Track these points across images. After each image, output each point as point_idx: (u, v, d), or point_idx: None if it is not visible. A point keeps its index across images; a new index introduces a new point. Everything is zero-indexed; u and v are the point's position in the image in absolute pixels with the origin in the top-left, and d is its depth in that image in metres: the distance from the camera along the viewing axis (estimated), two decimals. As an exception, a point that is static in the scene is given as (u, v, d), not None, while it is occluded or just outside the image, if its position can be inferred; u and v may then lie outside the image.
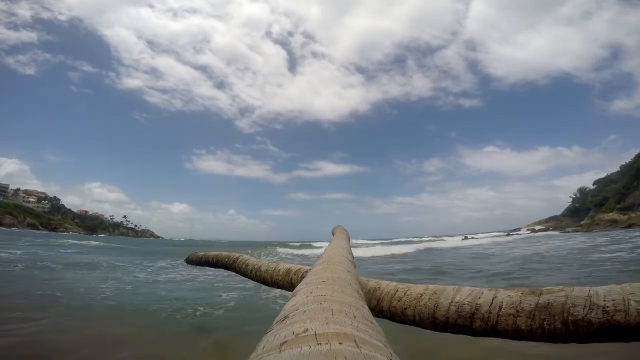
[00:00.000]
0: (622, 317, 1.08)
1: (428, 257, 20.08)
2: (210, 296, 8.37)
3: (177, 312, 6.80)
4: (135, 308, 7.07)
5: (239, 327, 5.97)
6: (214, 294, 8.60)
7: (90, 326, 5.70)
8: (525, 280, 9.52)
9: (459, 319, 1.41)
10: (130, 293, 8.89)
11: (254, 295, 8.38)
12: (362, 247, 33.33)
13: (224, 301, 7.87)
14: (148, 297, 8.21)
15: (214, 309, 7.10)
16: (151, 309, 6.97)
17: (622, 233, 32.36)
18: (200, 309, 7.07)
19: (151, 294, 8.70)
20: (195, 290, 9.52)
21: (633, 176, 50.15)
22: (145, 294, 8.69)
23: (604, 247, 18.67)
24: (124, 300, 7.84)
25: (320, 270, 1.43)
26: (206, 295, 8.46)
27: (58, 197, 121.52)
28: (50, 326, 5.42)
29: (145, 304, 7.38)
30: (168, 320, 6.33)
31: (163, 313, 6.73)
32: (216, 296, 8.37)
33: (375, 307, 1.76)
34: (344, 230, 4.22)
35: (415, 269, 14.25)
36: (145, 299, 8.05)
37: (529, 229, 62.74)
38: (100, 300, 7.71)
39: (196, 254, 5.26)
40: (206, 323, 6.18)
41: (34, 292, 7.88)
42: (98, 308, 6.97)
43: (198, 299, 8.02)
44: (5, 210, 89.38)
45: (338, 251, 2.28)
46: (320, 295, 0.91)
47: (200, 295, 8.55)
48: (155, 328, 5.81)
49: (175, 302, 7.71)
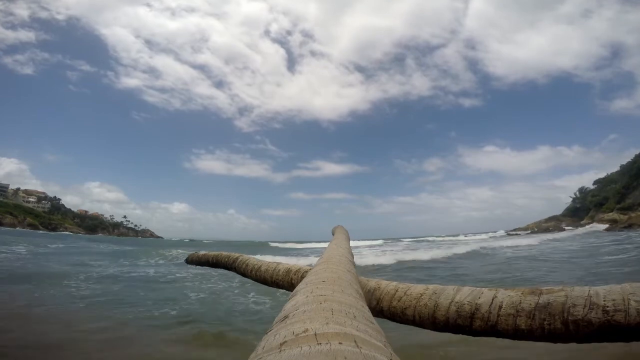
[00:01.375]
0: (622, 317, 1.08)
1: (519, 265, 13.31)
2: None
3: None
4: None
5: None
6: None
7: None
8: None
9: (459, 318, 1.41)
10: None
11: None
12: (391, 250, 25.66)
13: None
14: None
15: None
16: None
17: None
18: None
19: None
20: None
21: (633, 176, 50.16)
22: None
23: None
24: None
25: (320, 270, 1.43)
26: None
27: (58, 197, 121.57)
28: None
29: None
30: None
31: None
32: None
33: (375, 307, 1.76)
34: (344, 230, 4.22)
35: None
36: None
37: (530, 229, 62.75)
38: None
39: (196, 254, 5.26)
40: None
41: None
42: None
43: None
44: (5, 210, 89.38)
45: (338, 251, 2.28)
46: (320, 295, 0.91)
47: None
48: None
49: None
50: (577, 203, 62.97)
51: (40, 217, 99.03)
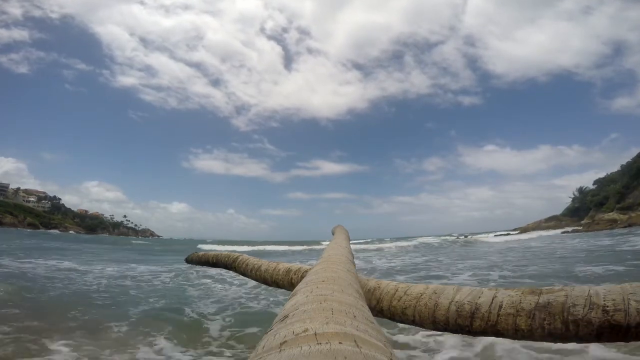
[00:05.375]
0: (622, 317, 1.08)
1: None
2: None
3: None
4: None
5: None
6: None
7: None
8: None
9: (459, 318, 1.41)
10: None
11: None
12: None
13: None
14: None
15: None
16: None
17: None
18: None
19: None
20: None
21: (633, 176, 50.11)
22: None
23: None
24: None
25: (320, 270, 1.43)
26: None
27: (58, 197, 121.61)
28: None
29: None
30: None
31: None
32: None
33: (375, 306, 1.77)
34: (344, 230, 4.23)
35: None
36: None
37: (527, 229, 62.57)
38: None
39: (196, 254, 5.27)
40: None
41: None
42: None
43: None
44: (5, 210, 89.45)
45: (338, 250, 2.28)
46: (320, 294, 0.91)
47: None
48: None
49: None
50: (575, 203, 62.94)
51: (41, 217, 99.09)
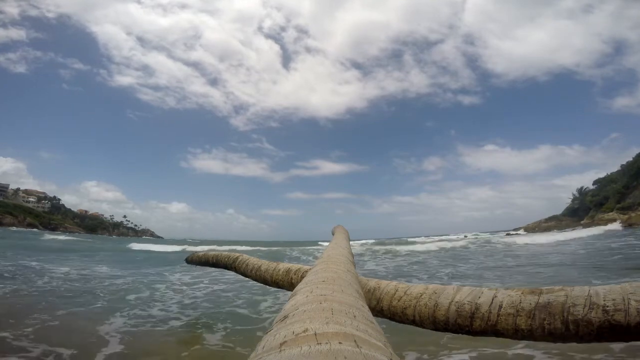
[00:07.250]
0: (622, 317, 1.08)
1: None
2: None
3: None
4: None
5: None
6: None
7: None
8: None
9: (459, 318, 1.41)
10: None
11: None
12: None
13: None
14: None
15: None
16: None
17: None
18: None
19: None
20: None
21: (633, 175, 50.15)
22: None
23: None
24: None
25: (320, 270, 1.43)
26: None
27: (58, 197, 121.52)
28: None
29: None
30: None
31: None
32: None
33: (375, 306, 1.77)
34: (343, 230, 4.22)
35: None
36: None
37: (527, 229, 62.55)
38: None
39: (197, 254, 5.27)
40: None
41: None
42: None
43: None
44: (5, 210, 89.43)
45: (338, 251, 2.28)
46: (320, 295, 0.91)
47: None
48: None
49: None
50: (575, 203, 62.94)
51: (40, 217, 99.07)
